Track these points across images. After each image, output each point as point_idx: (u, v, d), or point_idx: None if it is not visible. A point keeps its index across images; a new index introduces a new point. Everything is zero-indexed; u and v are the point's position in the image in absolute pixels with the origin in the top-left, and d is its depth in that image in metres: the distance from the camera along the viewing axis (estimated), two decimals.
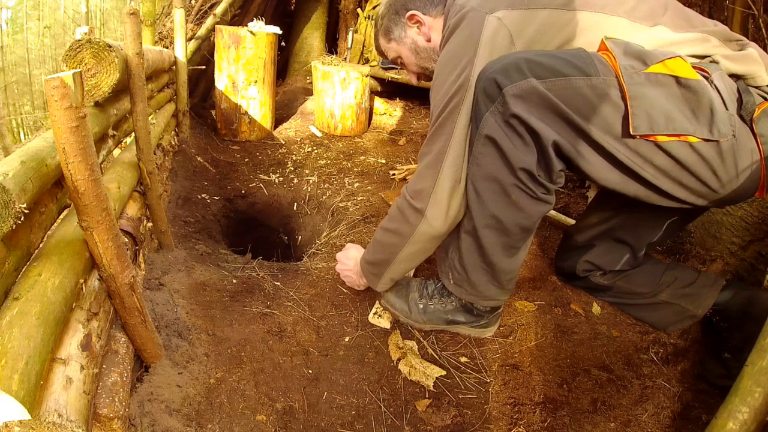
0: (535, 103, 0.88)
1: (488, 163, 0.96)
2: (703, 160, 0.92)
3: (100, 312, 0.82)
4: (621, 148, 0.91)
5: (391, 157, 2.78)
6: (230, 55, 2.93)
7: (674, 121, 0.89)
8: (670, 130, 0.89)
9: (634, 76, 0.88)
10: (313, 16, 4.72)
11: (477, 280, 1.10)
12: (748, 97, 0.94)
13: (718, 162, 0.93)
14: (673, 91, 0.89)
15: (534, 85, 0.87)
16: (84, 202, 0.70)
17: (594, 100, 0.89)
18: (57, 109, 0.61)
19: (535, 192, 0.96)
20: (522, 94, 0.88)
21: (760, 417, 0.71)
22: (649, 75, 0.89)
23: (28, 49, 12.20)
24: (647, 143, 0.91)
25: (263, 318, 1.27)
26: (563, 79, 0.88)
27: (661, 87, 0.89)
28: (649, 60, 0.90)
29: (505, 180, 0.95)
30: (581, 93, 0.89)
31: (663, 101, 0.89)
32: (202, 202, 2.15)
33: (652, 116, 0.88)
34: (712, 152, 0.92)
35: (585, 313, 1.30)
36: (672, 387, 1.07)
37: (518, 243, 1.05)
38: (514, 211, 0.98)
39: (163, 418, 0.88)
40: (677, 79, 0.89)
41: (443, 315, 1.20)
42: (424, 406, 1.05)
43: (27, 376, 0.53)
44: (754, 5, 1.85)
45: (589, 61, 0.91)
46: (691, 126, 0.89)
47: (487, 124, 0.93)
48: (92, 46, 1.00)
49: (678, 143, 0.90)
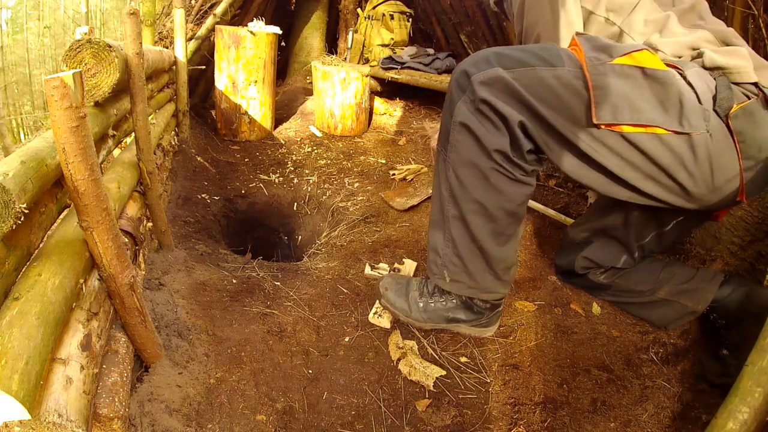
0: (501, 89, 0.92)
1: (465, 149, 0.99)
2: (673, 154, 0.91)
3: (100, 312, 0.82)
4: (585, 138, 0.92)
5: (391, 157, 2.78)
6: (230, 55, 2.93)
7: (640, 111, 0.88)
8: (635, 119, 0.89)
9: (598, 67, 0.89)
10: (313, 16, 4.71)
11: (474, 268, 1.10)
12: (727, 93, 0.92)
13: (690, 157, 0.91)
14: (639, 82, 0.90)
15: (500, 74, 0.91)
16: (84, 202, 0.70)
17: (559, 90, 0.90)
18: (57, 109, 0.61)
19: (512, 173, 0.98)
20: (488, 81, 0.92)
21: (760, 417, 0.71)
22: (615, 66, 0.90)
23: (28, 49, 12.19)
24: (613, 134, 0.91)
25: (263, 318, 1.27)
26: (529, 69, 0.91)
27: (627, 78, 0.89)
28: (616, 52, 0.91)
29: (482, 164, 0.98)
30: (546, 83, 0.91)
31: (628, 91, 0.89)
32: (202, 202, 2.15)
33: (616, 106, 0.88)
34: (683, 146, 0.91)
35: (585, 313, 1.30)
36: (672, 387, 1.07)
37: (506, 230, 1.06)
38: (495, 194, 1.00)
39: (163, 418, 0.88)
40: (643, 70, 0.89)
41: (443, 313, 1.20)
42: (424, 406, 1.05)
43: (27, 376, 0.53)
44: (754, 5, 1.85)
45: (556, 53, 0.93)
46: (659, 117, 0.89)
47: (459, 112, 0.97)
48: (92, 46, 1.00)
49: (646, 135, 0.90)
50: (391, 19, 3.81)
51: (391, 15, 3.82)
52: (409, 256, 1.62)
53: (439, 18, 4.06)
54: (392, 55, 3.49)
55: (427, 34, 4.32)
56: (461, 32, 3.81)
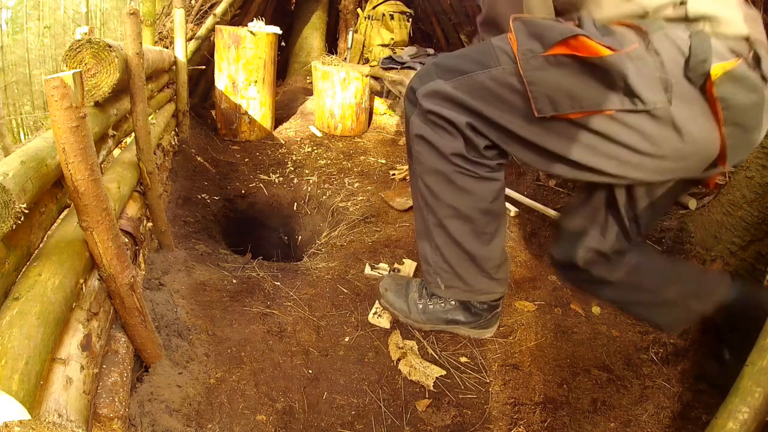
0: (442, 98, 0.96)
1: (426, 159, 1.02)
2: (631, 130, 0.88)
3: (100, 312, 0.82)
4: (535, 130, 0.92)
5: (391, 157, 2.78)
6: (230, 55, 2.93)
7: (580, 99, 0.87)
8: (576, 108, 0.88)
9: (531, 61, 0.88)
10: (313, 16, 4.72)
11: (464, 272, 1.10)
12: (703, 54, 0.85)
13: (651, 129, 0.88)
14: (575, 70, 0.87)
15: (440, 86, 0.96)
16: (84, 202, 0.70)
17: (497, 90, 0.92)
18: (57, 109, 0.61)
19: (476, 172, 1.00)
20: (430, 93, 0.97)
21: (760, 417, 0.71)
22: (548, 57, 0.87)
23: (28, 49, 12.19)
24: (562, 122, 0.90)
25: (263, 318, 1.27)
26: (466, 77, 0.94)
27: (562, 67, 0.87)
28: (550, 39, 0.88)
29: (444, 169, 1.01)
30: (484, 86, 0.93)
31: (565, 81, 0.87)
32: (202, 202, 2.15)
33: (553, 98, 0.88)
34: (641, 121, 0.87)
35: (585, 313, 1.30)
36: (672, 387, 1.07)
37: (486, 228, 1.06)
38: (465, 196, 1.02)
39: (163, 418, 0.88)
40: (579, 59, 0.86)
41: (442, 315, 1.20)
42: (424, 406, 1.05)
43: (27, 376, 0.53)
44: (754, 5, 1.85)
45: (491, 53, 0.94)
46: (603, 100, 0.86)
47: (414, 125, 1.02)
48: (92, 46, 1.00)
49: (597, 118, 0.88)
50: (391, 19, 3.81)
51: (391, 15, 3.82)
52: (409, 256, 1.62)
53: (439, 18, 4.06)
54: (392, 55, 3.49)
55: (427, 34, 4.33)
56: (461, 32, 3.81)
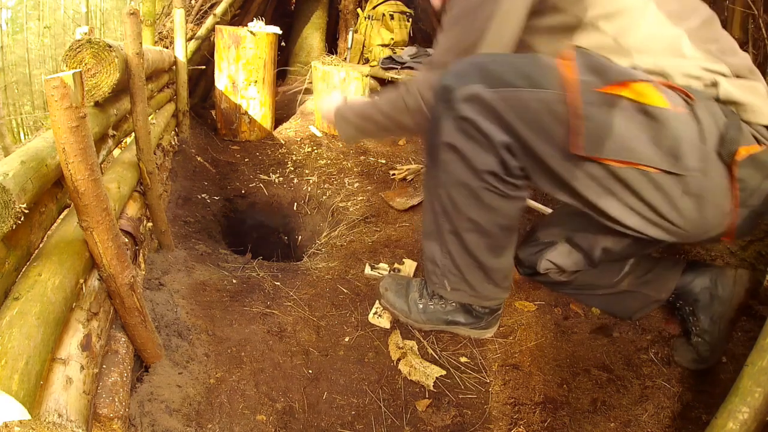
0: (483, 107, 0.88)
1: (454, 170, 0.95)
2: (661, 192, 0.85)
3: (100, 312, 0.82)
4: (568, 166, 0.87)
5: (391, 157, 2.77)
6: (230, 55, 2.93)
7: (628, 149, 0.82)
8: (622, 156, 0.83)
9: (590, 95, 0.82)
10: (313, 16, 4.72)
11: (473, 279, 1.09)
12: (735, 134, 0.85)
13: (679, 196, 0.85)
14: (632, 117, 0.83)
15: (482, 92, 0.86)
16: (84, 202, 0.70)
17: (542, 115, 0.85)
18: (57, 109, 0.61)
19: (504, 191, 0.94)
20: (470, 98, 0.88)
21: (760, 417, 0.71)
22: (609, 95, 0.82)
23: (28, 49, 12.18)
24: (598, 165, 0.85)
25: (263, 318, 1.27)
26: (512, 90, 0.85)
27: (619, 110, 0.82)
28: (613, 78, 0.83)
29: (473, 184, 0.95)
30: (529, 107, 0.85)
31: (618, 125, 0.82)
32: (202, 202, 2.15)
33: (601, 138, 0.82)
34: (673, 185, 0.84)
35: (585, 313, 1.30)
36: (672, 387, 1.07)
37: (502, 242, 1.04)
38: (488, 212, 0.97)
39: (163, 418, 0.88)
40: (639, 105, 0.82)
41: (443, 315, 1.20)
42: (424, 406, 1.05)
43: (27, 376, 0.53)
44: (754, 5, 1.85)
45: (543, 71, 0.86)
46: (649, 155, 0.82)
47: (445, 131, 0.93)
48: (92, 46, 1.00)
49: (633, 171, 0.84)
50: (391, 19, 3.81)
51: (391, 15, 3.82)
52: (409, 256, 1.62)
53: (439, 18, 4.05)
54: (392, 55, 3.49)
55: (428, 34, 4.33)
56: None
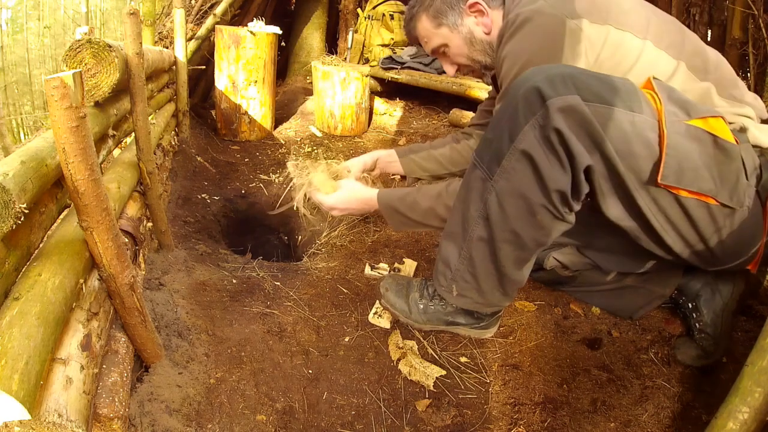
0: (577, 121, 0.83)
1: (520, 180, 0.90)
2: (714, 224, 0.92)
3: (100, 312, 0.82)
4: (643, 192, 0.89)
5: None
6: (230, 55, 2.93)
7: (701, 180, 0.87)
8: (695, 187, 0.88)
9: (675, 125, 0.86)
10: (313, 16, 4.72)
11: (486, 287, 1.06)
12: None
13: (728, 229, 0.92)
14: (707, 150, 0.88)
15: (579, 104, 0.82)
16: (84, 202, 0.70)
17: (632, 138, 0.85)
18: (57, 109, 0.61)
19: (561, 214, 0.92)
20: (566, 109, 0.83)
21: (760, 417, 0.71)
22: (690, 127, 0.87)
23: (28, 49, 12.18)
24: (668, 194, 0.89)
25: (263, 318, 1.27)
26: (607, 108, 0.84)
27: (698, 142, 0.87)
28: (693, 112, 0.89)
29: (534, 199, 0.90)
30: (622, 127, 0.84)
31: (696, 156, 0.87)
32: (202, 202, 2.15)
33: (682, 169, 0.86)
34: (725, 218, 0.91)
35: (585, 313, 1.30)
36: (672, 387, 1.07)
37: (531, 255, 1.02)
38: (536, 229, 0.95)
39: (163, 418, 0.88)
40: (715, 139, 0.88)
41: (443, 316, 1.20)
42: (424, 406, 1.05)
43: (27, 376, 0.53)
44: (754, 5, 1.85)
45: (635, 96, 0.87)
46: (715, 188, 0.88)
47: (525, 139, 0.87)
48: (92, 46, 1.00)
49: (696, 202, 0.90)
50: (391, 19, 3.81)
51: (391, 15, 3.82)
52: (409, 256, 1.62)
53: None
54: (392, 55, 3.49)
55: None
56: None
